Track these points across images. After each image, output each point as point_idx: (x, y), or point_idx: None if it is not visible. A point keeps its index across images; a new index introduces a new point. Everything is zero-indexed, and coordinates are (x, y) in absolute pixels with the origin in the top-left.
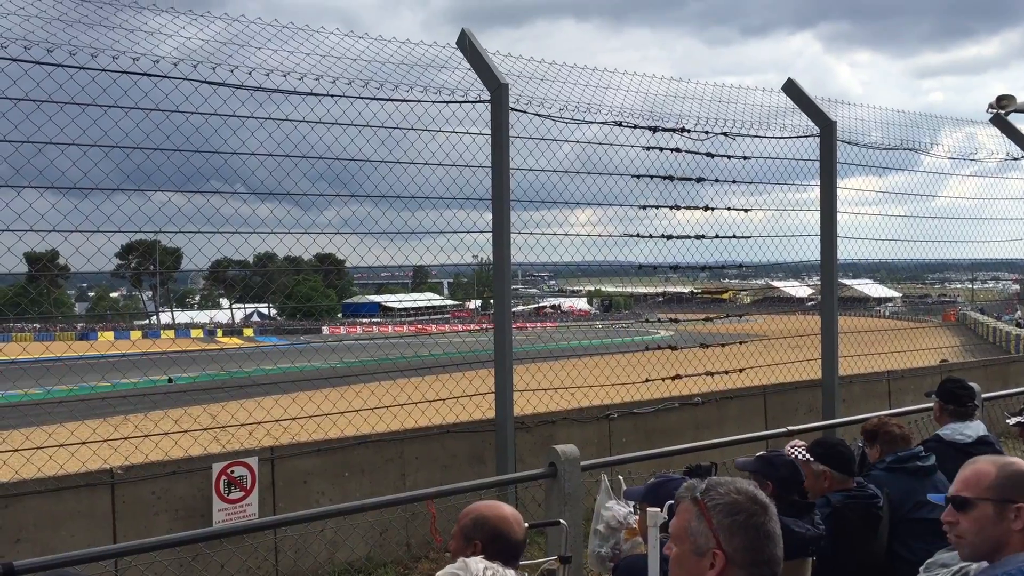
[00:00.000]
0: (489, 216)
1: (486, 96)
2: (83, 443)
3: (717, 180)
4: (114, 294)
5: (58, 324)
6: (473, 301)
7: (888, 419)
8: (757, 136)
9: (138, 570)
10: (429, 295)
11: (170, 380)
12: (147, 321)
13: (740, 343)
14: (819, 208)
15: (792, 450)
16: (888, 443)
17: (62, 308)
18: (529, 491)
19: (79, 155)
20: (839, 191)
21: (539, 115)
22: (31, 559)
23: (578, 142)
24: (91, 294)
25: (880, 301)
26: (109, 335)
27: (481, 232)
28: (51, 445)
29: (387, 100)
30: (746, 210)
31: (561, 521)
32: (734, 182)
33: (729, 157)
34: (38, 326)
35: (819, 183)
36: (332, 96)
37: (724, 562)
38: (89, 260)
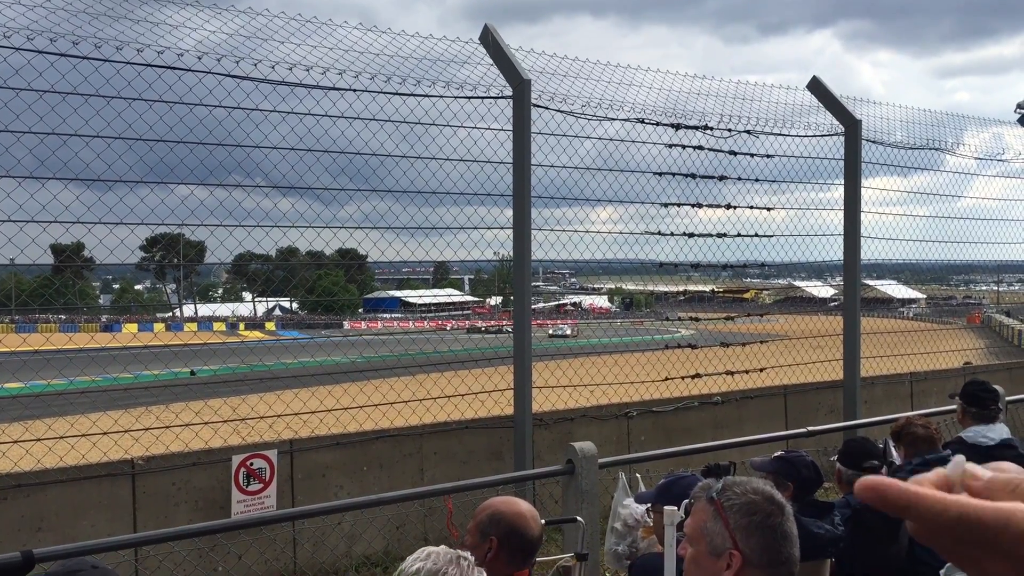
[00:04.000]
0: (508, 212)
1: (508, 92)
2: (105, 433)
3: (740, 178)
4: (138, 286)
5: (82, 315)
6: (494, 297)
7: (914, 419)
8: (780, 134)
9: (157, 560)
10: (450, 291)
11: (192, 373)
12: (170, 314)
13: (761, 343)
14: (843, 207)
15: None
16: (911, 444)
17: (86, 300)
18: (546, 487)
19: (103, 147)
20: (863, 190)
21: (561, 111)
22: (51, 547)
23: (600, 139)
24: (115, 286)
25: (904, 302)
26: (133, 327)
27: (502, 228)
28: (73, 435)
29: (410, 95)
30: (769, 208)
31: (578, 518)
32: (757, 180)
33: (752, 155)
34: (63, 317)
35: (843, 182)
36: (355, 91)
37: (741, 562)
38: (112, 252)
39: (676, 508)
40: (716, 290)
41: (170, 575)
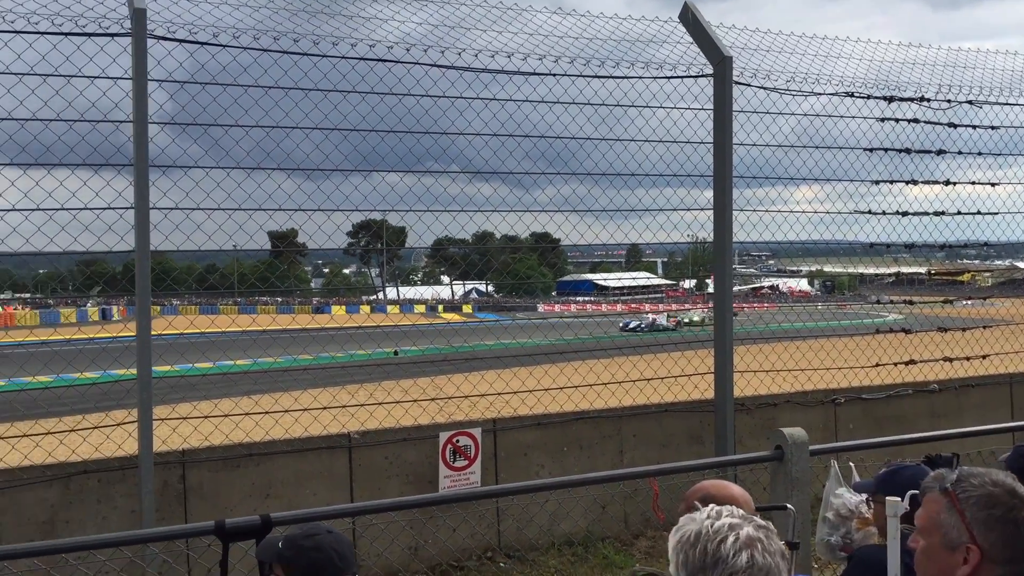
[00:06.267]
0: (706, 193)
1: (707, 70)
2: (325, 408)
3: (960, 152)
4: (346, 270)
5: (297, 298)
6: (688, 280)
7: None
8: (1006, 104)
9: (378, 529)
10: (643, 274)
11: (396, 352)
12: (375, 296)
13: (984, 327)
14: None
15: None
16: None
17: (301, 283)
18: (751, 473)
19: (321, 139)
20: None
21: (764, 88)
22: (285, 512)
23: (805, 115)
24: (326, 270)
25: None
26: (341, 309)
27: (699, 210)
28: (296, 409)
29: (608, 77)
30: (993, 184)
31: (788, 506)
32: (979, 154)
33: (975, 127)
34: (280, 300)
35: None
36: (554, 75)
37: (979, 557)
38: (323, 238)
39: (900, 499)
40: (932, 272)
41: (388, 544)
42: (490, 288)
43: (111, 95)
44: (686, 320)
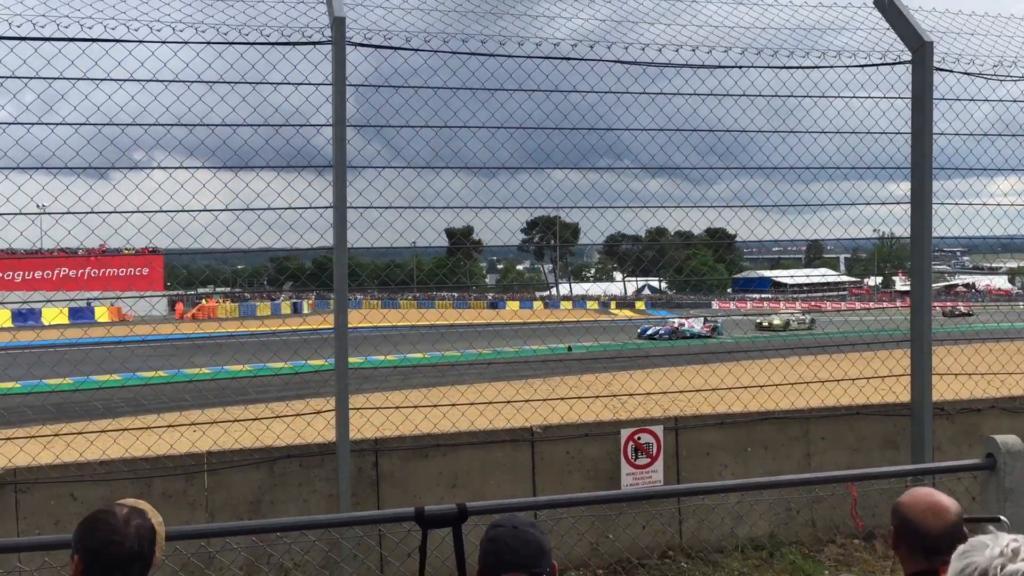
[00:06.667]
0: (893, 186)
1: (904, 56)
2: (508, 402)
3: None
4: (519, 266)
5: (472, 293)
6: (872, 278)
7: None
8: None
9: (566, 524)
10: (824, 271)
11: (569, 348)
12: (548, 292)
13: None
14: None
15: None
16: None
17: (475, 279)
18: (956, 483)
19: (488, 137)
20: None
21: (968, 74)
22: (482, 502)
23: (1015, 101)
24: (500, 266)
25: None
26: (515, 305)
27: (883, 204)
28: (482, 402)
29: (796, 68)
30: None
31: (1001, 518)
32: None
33: None
34: (456, 295)
35: None
36: (724, 67)
37: None
38: (496, 235)
39: None
40: None
41: (572, 538)
42: (663, 285)
43: (292, 100)
44: (764, 323)
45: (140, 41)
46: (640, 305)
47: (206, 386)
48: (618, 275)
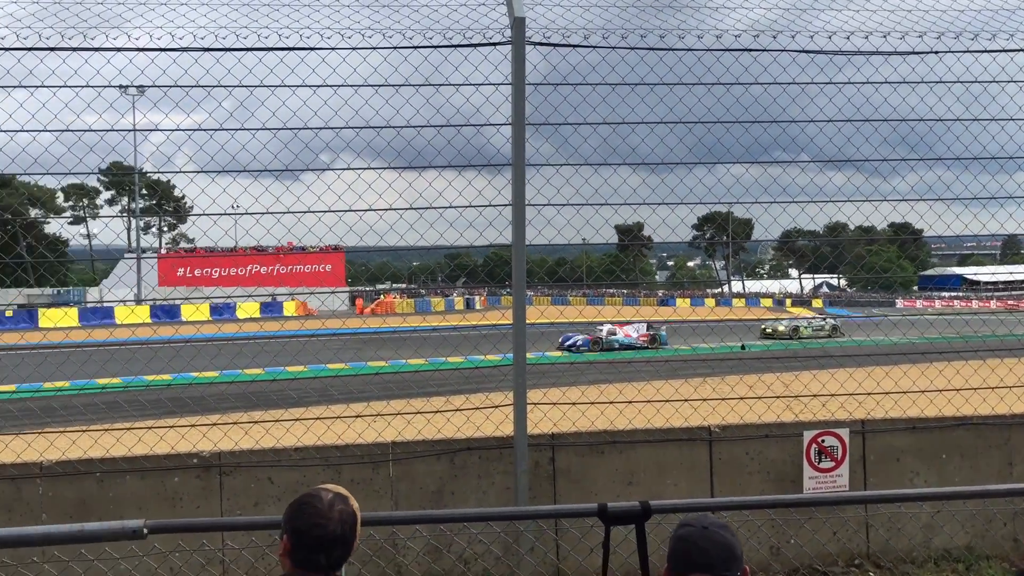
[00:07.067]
0: None
1: None
2: (685, 400)
3: None
4: (690, 263)
5: (642, 290)
6: None
7: None
8: None
9: (747, 524)
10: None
11: (743, 347)
12: (719, 290)
13: None
14: None
15: None
16: None
17: (646, 276)
18: None
19: (666, 132)
20: None
21: None
22: (664, 501)
23: None
24: (670, 263)
25: None
26: (685, 302)
27: None
28: (658, 400)
29: (1000, 51)
30: None
31: None
32: None
33: None
34: (625, 292)
35: None
36: (917, 53)
37: None
38: (667, 231)
39: None
40: None
41: (750, 541)
42: (842, 282)
43: (473, 100)
44: (768, 330)
45: (332, 48)
46: (817, 303)
47: (391, 378)
48: (794, 272)
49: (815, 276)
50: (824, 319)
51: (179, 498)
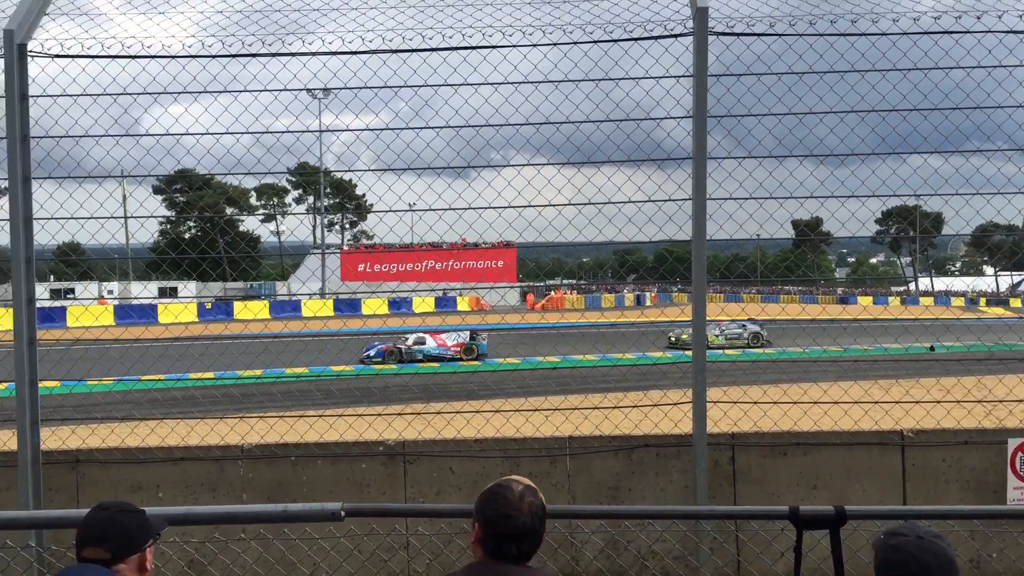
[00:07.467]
0: None
1: None
2: (876, 403)
3: None
4: (872, 260)
5: (821, 287)
6: None
7: None
8: None
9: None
10: None
11: (931, 348)
12: (905, 287)
13: None
14: None
15: None
16: None
17: (824, 272)
18: None
19: (836, 122)
20: None
21: None
22: (860, 507)
23: None
24: (850, 260)
25: None
26: (867, 300)
27: None
28: (845, 401)
29: None
30: None
31: None
32: None
33: None
34: (802, 289)
35: None
36: None
37: None
38: (845, 225)
39: None
40: None
41: None
42: None
43: (653, 93)
44: (673, 339)
45: (513, 46)
46: (1015, 302)
47: (567, 373)
48: (988, 269)
49: (1012, 273)
50: (742, 325)
51: (367, 484)
